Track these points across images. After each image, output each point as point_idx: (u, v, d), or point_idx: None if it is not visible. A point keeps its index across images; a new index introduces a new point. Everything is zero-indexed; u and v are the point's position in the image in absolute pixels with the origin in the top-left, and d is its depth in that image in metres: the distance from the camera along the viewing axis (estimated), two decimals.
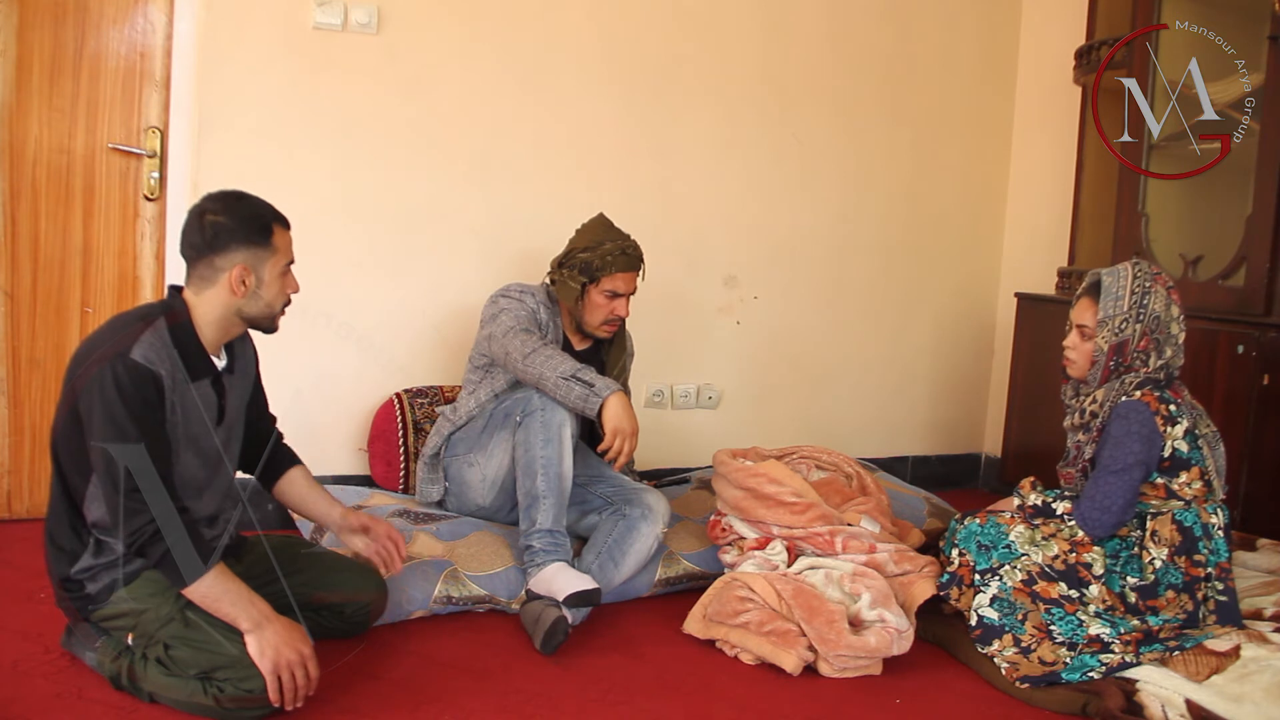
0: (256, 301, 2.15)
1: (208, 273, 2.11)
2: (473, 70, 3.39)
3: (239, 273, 2.10)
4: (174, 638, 2.05)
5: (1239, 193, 3.10)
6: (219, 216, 2.10)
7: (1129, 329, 2.49)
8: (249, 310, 2.16)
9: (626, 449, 2.61)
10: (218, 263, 2.10)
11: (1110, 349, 2.51)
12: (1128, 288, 2.50)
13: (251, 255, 2.12)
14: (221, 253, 2.09)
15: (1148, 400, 2.43)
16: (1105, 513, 2.43)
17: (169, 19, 3.14)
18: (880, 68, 4.00)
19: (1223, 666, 2.24)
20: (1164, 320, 2.50)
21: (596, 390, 2.60)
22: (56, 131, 3.11)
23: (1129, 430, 2.42)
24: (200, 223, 2.10)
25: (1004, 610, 2.44)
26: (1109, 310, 2.51)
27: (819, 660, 2.42)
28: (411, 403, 3.29)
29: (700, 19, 3.69)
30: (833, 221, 4.00)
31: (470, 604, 2.66)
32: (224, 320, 2.15)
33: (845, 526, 2.75)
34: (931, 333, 4.25)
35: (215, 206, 2.11)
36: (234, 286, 2.11)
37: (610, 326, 2.97)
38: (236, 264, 2.10)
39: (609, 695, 2.29)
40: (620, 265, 2.89)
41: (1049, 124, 4.08)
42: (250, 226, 2.12)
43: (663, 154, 3.69)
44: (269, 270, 2.15)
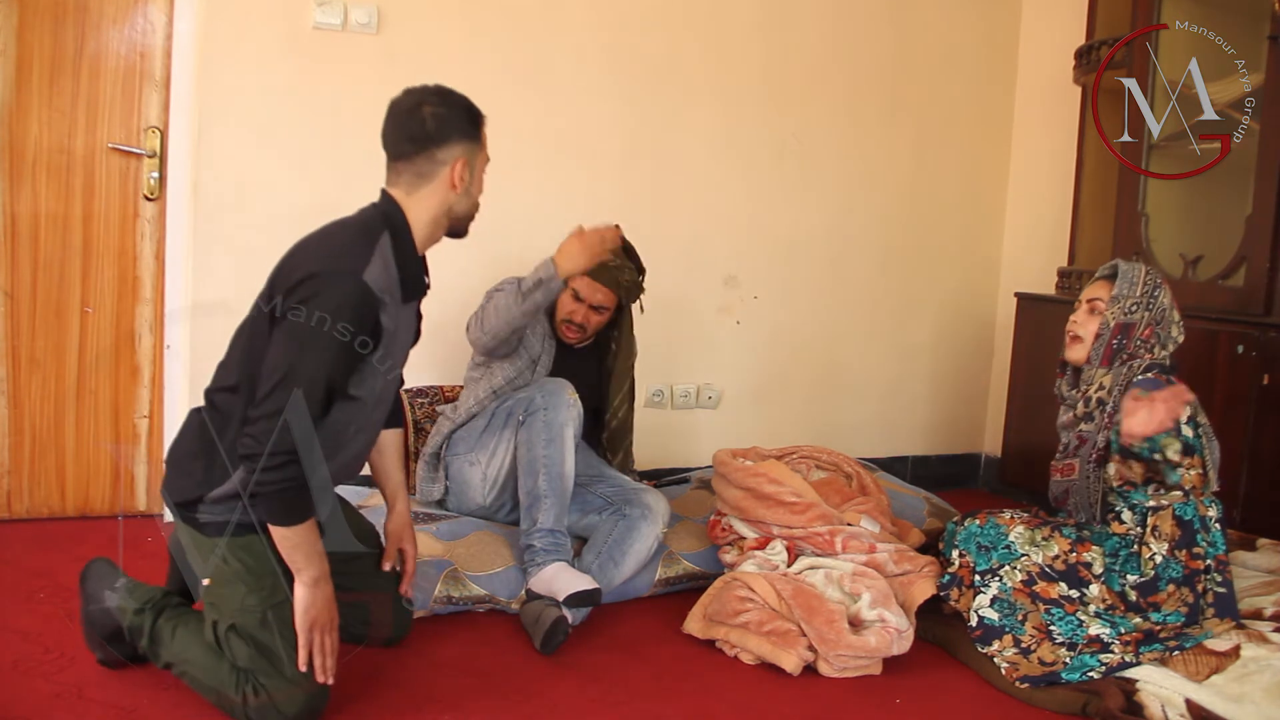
0: (467, 198, 2.12)
1: (428, 168, 2.06)
2: (472, 71, 3.39)
3: (460, 167, 2.06)
4: (243, 627, 1.98)
5: (1239, 193, 3.10)
6: (438, 108, 2.05)
7: (1138, 314, 2.52)
8: (459, 208, 2.12)
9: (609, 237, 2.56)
10: (440, 156, 2.05)
11: (1116, 326, 2.53)
12: (1141, 278, 2.56)
13: (468, 148, 2.09)
14: (444, 145, 2.05)
15: (1160, 380, 2.44)
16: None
17: (169, 19, 3.14)
18: (880, 67, 4.00)
19: (1223, 666, 2.24)
20: (1168, 318, 2.54)
21: (544, 277, 2.55)
22: (56, 131, 3.11)
23: (1154, 383, 2.37)
24: (419, 114, 2.05)
25: (1004, 611, 2.44)
26: (1123, 290, 2.55)
27: (819, 660, 2.42)
28: (412, 402, 3.29)
29: (700, 18, 3.69)
30: (833, 221, 4.00)
31: (470, 604, 2.66)
32: (435, 222, 2.10)
33: (845, 526, 2.75)
34: (931, 332, 4.25)
35: (431, 99, 2.06)
36: (455, 181, 2.07)
37: (568, 330, 2.96)
38: (457, 157, 2.06)
39: (609, 695, 2.29)
40: (592, 271, 2.81)
41: (1049, 124, 4.08)
42: (467, 118, 2.08)
43: (663, 154, 3.70)
44: (479, 164, 2.13)
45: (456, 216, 2.14)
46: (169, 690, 2.15)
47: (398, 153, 2.08)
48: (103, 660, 2.21)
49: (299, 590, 1.98)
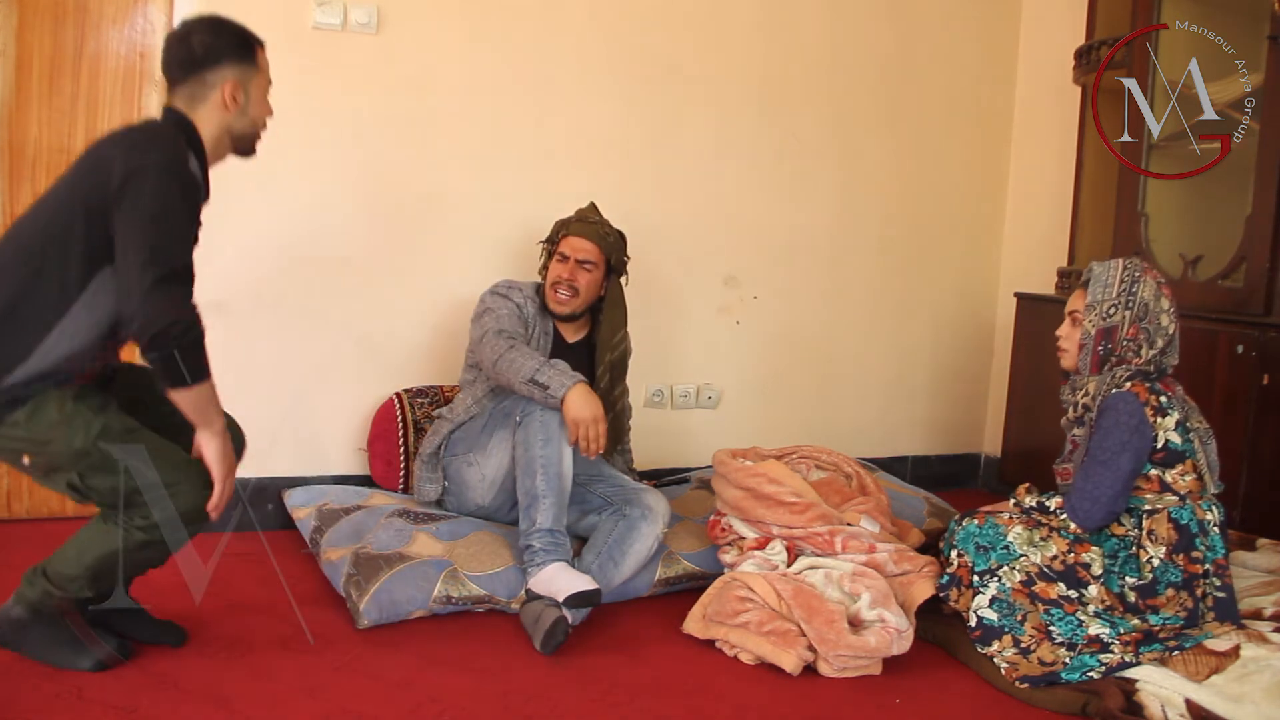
0: (244, 118, 2.24)
1: (199, 90, 2.18)
2: (472, 71, 3.39)
3: (231, 88, 2.19)
4: (93, 463, 2.09)
5: (1238, 193, 3.10)
6: (205, 35, 2.18)
7: (1117, 315, 2.51)
8: (237, 127, 2.24)
9: (592, 435, 2.64)
10: (209, 79, 2.18)
11: (1098, 334, 2.53)
12: (1117, 276, 2.54)
13: (240, 71, 2.21)
14: (214, 68, 2.18)
15: (1137, 391, 2.44)
16: (1095, 503, 2.43)
17: (169, 19, 3.14)
18: (880, 67, 4.00)
19: (1222, 666, 2.24)
20: (1153, 309, 2.51)
21: (552, 392, 2.64)
22: (56, 131, 3.11)
23: (1117, 420, 2.43)
24: (188, 42, 2.18)
25: (1003, 611, 2.44)
26: (1097, 295, 2.55)
27: (819, 660, 2.42)
28: (412, 402, 3.29)
29: (700, 18, 3.69)
30: (832, 221, 4.00)
31: (470, 604, 2.66)
32: (217, 139, 2.23)
33: (845, 526, 2.75)
34: (931, 332, 4.25)
35: (199, 27, 2.20)
36: (226, 102, 2.19)
37: (559, 293, 2.98)
38: (227, 79, 2.19)
39: (609, 695, 2.29)
40: (574, 229, 3.00)
41: (1049, 124, 4.08)
42: (237, 42, 2.22)
43: (663, 153, 3.69)
44: (255, 87, 2.26)
45: (236, 135, 2.26)
46: (169, 690, 2.16)
47: (171, 79, 2.21)
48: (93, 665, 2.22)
49: (213, 440, 2.13)
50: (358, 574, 2.60)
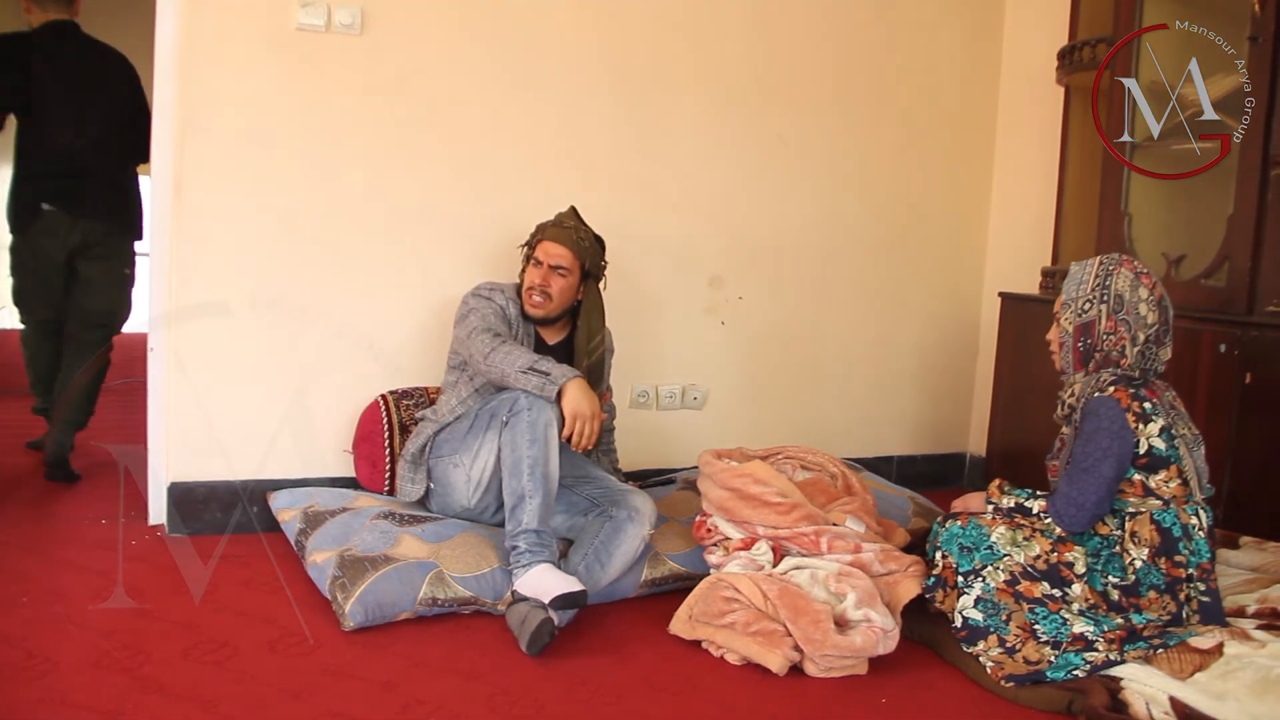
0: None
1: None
2: (458, 71, 3.38)
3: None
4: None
5: (1221, 192, 3.12)
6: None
7: (1093, 310, 2.54)
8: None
9: (587, 432, 2.67)
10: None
11: (1076, 330, 2.57)
12: (1092, 272, 2.58)
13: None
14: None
15: (1119, 396, 2.45)
16: (1079, 509, 2.45)
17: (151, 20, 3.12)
18: (866, 68, 4.01)
19: (1206, 664, 2.25)
20: (1129, 300, 2.52)
21: (553, 378, 2.67)
22: None
23: (1098, 426, 2.44)
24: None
25: (988, 611, 2.45)
26: (1071, 293, 2.60)
27: (805, 660, 2.42)
28: (398, 404, 3.28)
29: (688, 18, 3.69)
30: (818, 222, 4.01)
31: (456, 606, 2.65)
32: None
33: (830, 526, 2.75)
34: (916, 332, 4.26)
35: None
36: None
37: (533, 298, 2.99)
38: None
39: (596, 696, 2.29)
40: (549, 235, 3.01)
41: (1032, 123, 4.09)
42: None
43: (650, 154, 3.69)
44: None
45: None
46: (154, 694, 2.15)
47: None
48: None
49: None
50: (343, 576, 2.60)
